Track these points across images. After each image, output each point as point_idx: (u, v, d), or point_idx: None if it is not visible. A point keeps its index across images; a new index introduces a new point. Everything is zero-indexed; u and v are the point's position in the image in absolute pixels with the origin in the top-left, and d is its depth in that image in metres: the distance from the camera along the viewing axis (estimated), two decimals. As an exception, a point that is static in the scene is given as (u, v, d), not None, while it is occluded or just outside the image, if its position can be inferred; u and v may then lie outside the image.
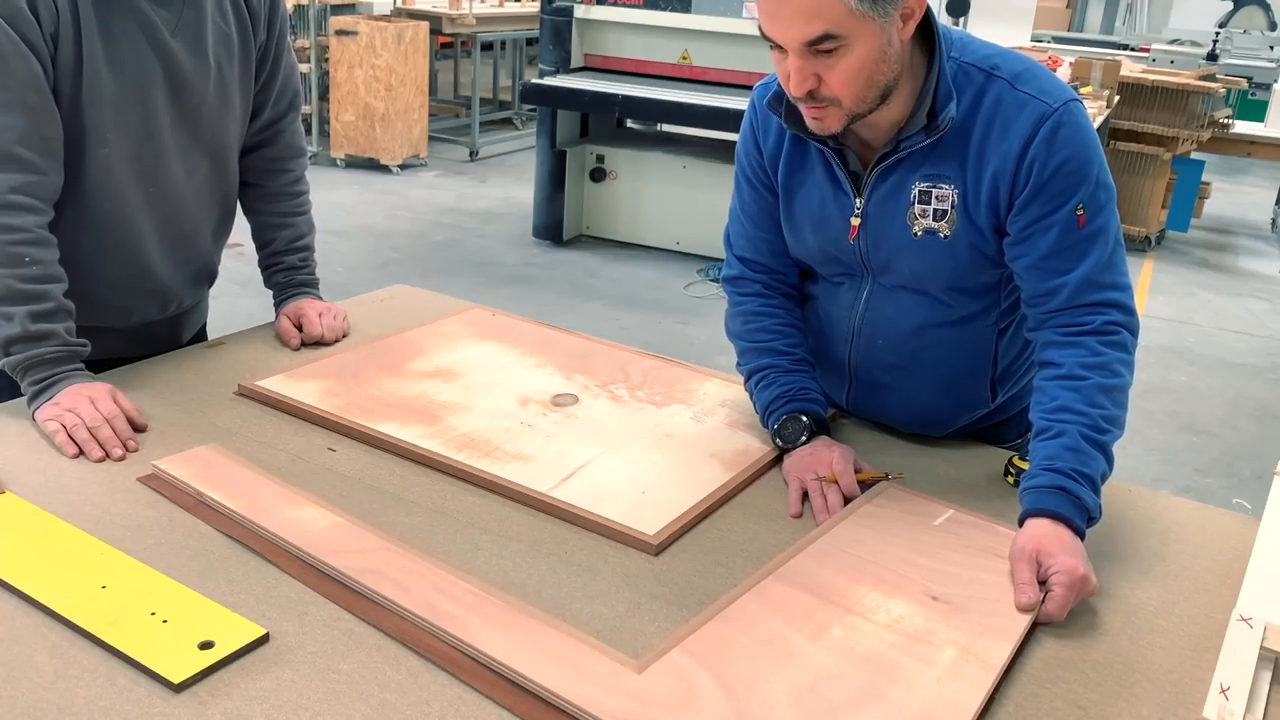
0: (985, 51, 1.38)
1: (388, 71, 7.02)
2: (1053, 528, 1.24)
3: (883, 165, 1.40)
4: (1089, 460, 1.29)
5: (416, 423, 1.54)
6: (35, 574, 1.14)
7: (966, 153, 1.37)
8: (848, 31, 1.23)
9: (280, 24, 1.74)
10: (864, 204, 1.43)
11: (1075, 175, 1.33)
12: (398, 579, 1.16)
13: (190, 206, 1.70)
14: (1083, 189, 1.34)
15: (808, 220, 1.49)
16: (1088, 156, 1.34)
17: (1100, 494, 1.29)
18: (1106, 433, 1.31)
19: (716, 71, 5.48)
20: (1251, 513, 1.57)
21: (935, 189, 1.39)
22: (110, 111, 1.52)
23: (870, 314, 1.52)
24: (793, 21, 1.23)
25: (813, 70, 1.27)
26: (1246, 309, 5.76)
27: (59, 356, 1.48)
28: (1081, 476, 1.28)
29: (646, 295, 5.17)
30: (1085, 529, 1.26)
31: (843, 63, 1.26)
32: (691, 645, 1.09)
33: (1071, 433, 1.30)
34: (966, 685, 1.06)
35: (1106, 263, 1.36)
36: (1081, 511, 1.26)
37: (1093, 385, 1.32)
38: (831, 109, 1.31)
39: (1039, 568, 1.22)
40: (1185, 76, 6.49)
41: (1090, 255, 1.35)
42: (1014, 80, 1.35)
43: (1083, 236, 1.35)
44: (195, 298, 1.85)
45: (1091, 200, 1.34)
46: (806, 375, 1.56)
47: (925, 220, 1.40)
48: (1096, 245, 1.35)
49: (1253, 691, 1.06)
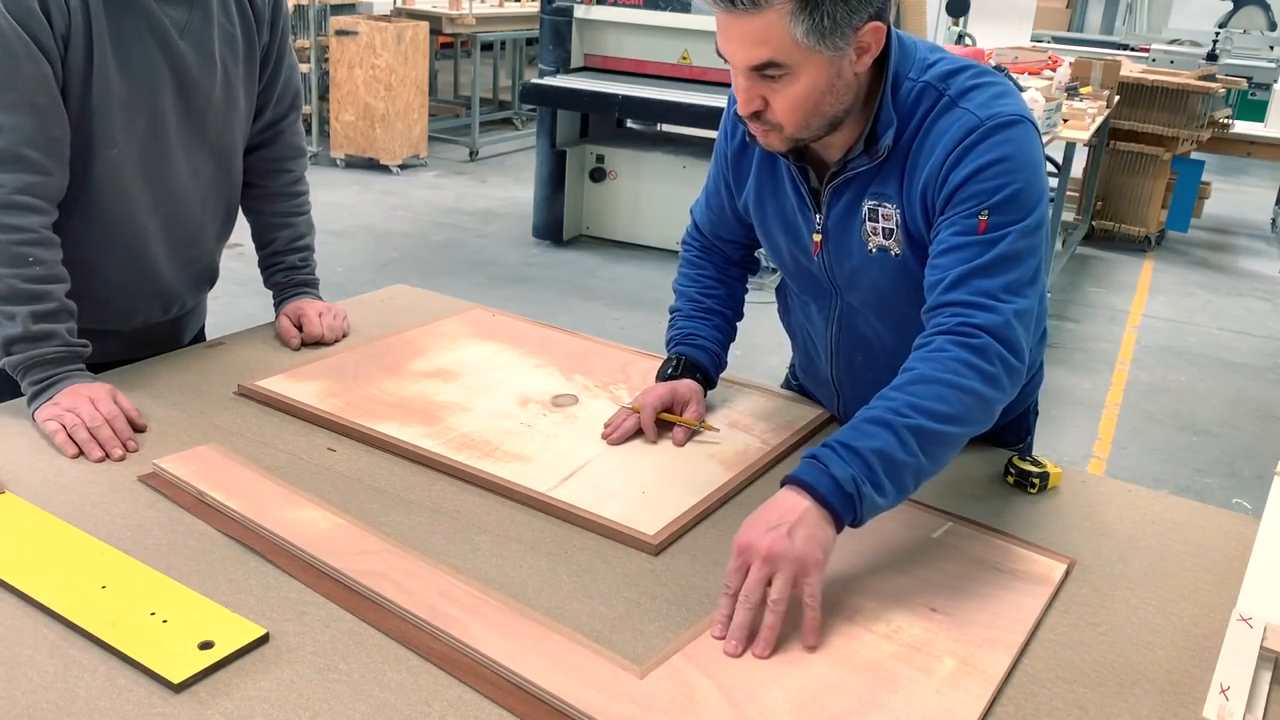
0: (946, 68, 1.33)
1: (388, 71, 7.02)
2: (792, 499, 1.14)
3: (834, 184, 1.40)
4: (862, 436, 1.17)
5: (416, 423, 1.54)
6: (35, 574, 1.14)
7: (903, 172, 1.35)
8: (794, 61, 1.22)
9: (283, 24, 1.74)
10: (824, 220, 1.43)
11: (989, 181, 1.26)
12: (400, 581, 1.16)
13: (195, 207, 1.70)
14: (996, 196, 1.26)
15: (780, 227, 1.50)
16: (1008, 170, 1.26)
17: (879, 471, 1.15)
18: (906, 416, 1.18)
19: (716, 71, 5.48)
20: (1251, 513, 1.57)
21: (881, 208, 1.37)
22: (119, 112, 1.52)
23: (844, 333, 1.54)
24: (740, 44, 1.23)
25: (759, 92, 1.27)
26: (1246, 309, 5.76)
27: (60, 357, 1.48)
28: (842, 447, 1.16)
29: (646, 295, 5.17)
30: (832, 497, 1.13)
31: (788, 90, 1.25)
32: (693, 652, 1.09)
33: (866, 415, 1.20)
34: (966, 696, 1.06)
35: (989, 270, 1.26)
36: (827, 479, 1.14)
37: (915, 375, 1.23)
38: (774, 132, 1.31)
39: (752, 573, 1.11)
40: (1185, 76, 6.49)
41: (976, 259, 1.26)
42: (958, 96, 1.31)
43: (975, 240, 1.26)
44: (197, 299, 1.86)
45: (1000, 209, 1.26)
46: (702, 322, 1.64)
47: (877, 238, 1.39)
48: (987, 251, 1.26)
49: (1253, 691, 1.06)
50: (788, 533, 1.11)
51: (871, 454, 1.16)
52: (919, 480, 1.21)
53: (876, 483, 1.16)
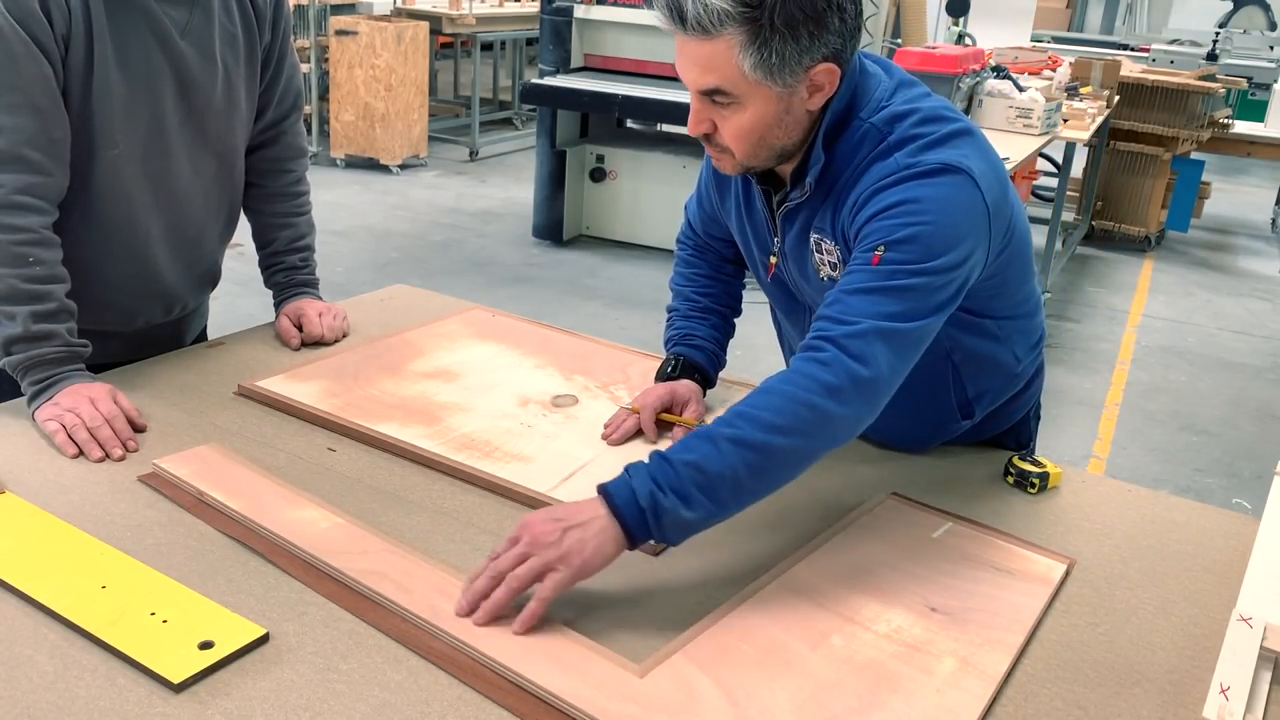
0: (896, 111, 1.30)
1: (388, 71, 7.02)
2: (591, 504, 1.15)
3: (781, 211, 1.41)
4: (680, 449, 1.16)
5: (416, 423, 1.54)
6: (35, 574, 1.14)
7: (834, 212, 1.35)
8: (741, 92, 1.24)
9: (284, 25, 1.74)
10: (780, 243, 1.45)
11: (887, 220, 1.24)
12: (400, 580, 1.16)
13: (197, 208, 1.70)
14: (891, 236, 1.23)
15: (753, 239, 1.52)
16: (912, 212, 1.23)
17: (686, 482, 1.13)
18: (730, 426, 1.16)
19: (716, 71, 5.47)
20: (1251, 513, 1.57)
21: (824, 242, 1.38)
22: (119, 113, 1.52)
23: None
24: (691, 67, 1.25)
25: (709, 115, 1.29)
26: (1246, 309, 5.76)
27: (60, 357, 1.48)
28: (659, 458, 1.16)
29: (646, 295, 5.17)
30: (623, 510, 1.13)
31: (735, 118, 1.27)
32: (693, 651, 1.10)
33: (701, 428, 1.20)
34: (966, 695, 1.06)
35: (866, 295, 1.22)
36: (624, 492, 1.13)
37: (761, 387, 1.21)
38: (726, 155, 1.33)
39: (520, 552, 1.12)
40: (1185, 76, 6.49)
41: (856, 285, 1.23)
42: (894, 145, 1.28)
43: (865, 269, 1.24)
44: (199, 300, 1.86)
45: (893, 249, 1.22)
46: (699, 322, 1.65)
47: (825, 269, 1.40)
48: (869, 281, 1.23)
49: (1253, 691, 1.06)
50: (564, 530, 1.12)
51: (683, 465, 1.14)
52: (739, 493, 1.17)
53: (684, 495, 1.13)
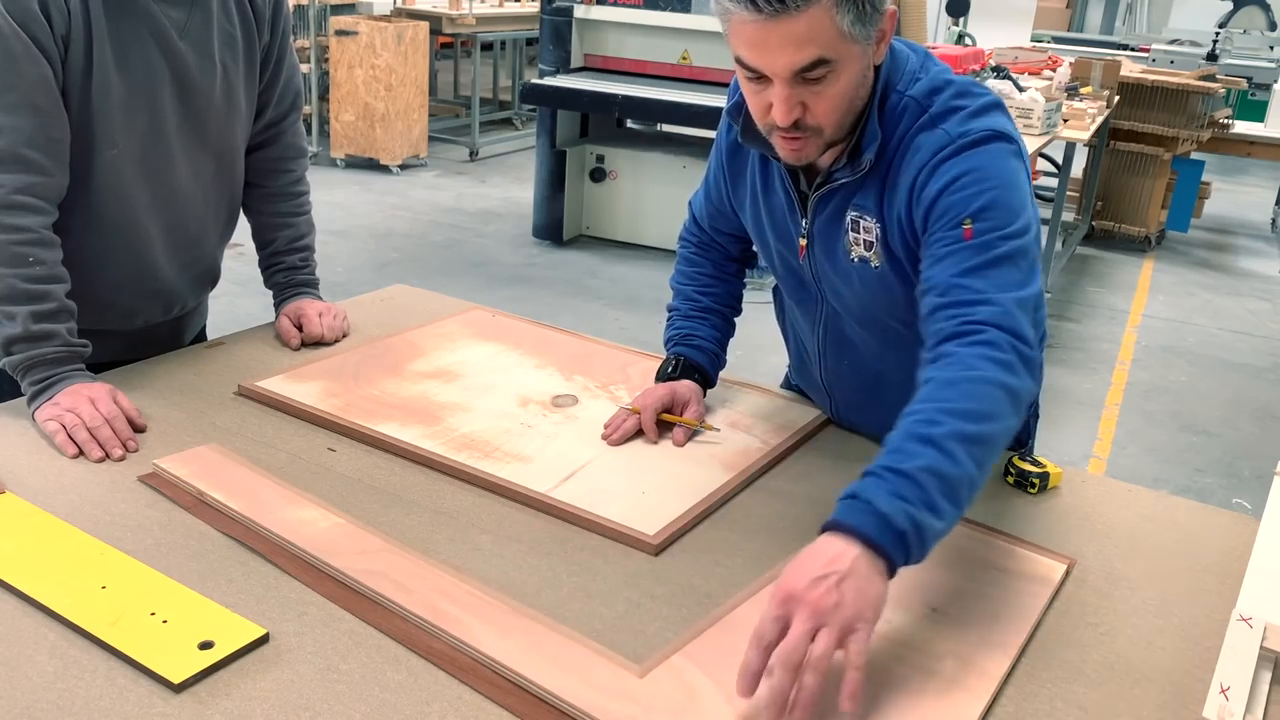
0: (932, 84, 1.31)
1: (388, 71, 7.02)
2: (837, 546, 1.03)
3: (820, 192, 1.39)
4: (904, 457, 1.09)
5: (416, 423, 1.54)
6: (35, 574, 1.14)
7: (883, 188, 1.33)
8: (839, 56, 1.20)
9: (283, 25, 1.74)
10: (809, 225, 1.42)
11: (966, 190, 1.25)
12: (400, 580, 1.16)
13: (196, 208, 1.70)
14: (975, 204, 1.24)
15: (770, 225, 1.50)
16: (977, 180, 1.25)
17: (931, 491, 1.06)
18: (938, 424, 1.11)
19: (716, 71, 5.48)
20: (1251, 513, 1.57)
21: (862, 220, 1.36)
22: (119, 113, 1.52)
23: (830, 338, 1.54)
24: (783, 50, 1.18)
25: (799, 99, 1.23)
26: (1246, 309, 5.76)
27: (60, 357, 1.48)
28: (888, 472, 1.07)
29: (646, 295, 5.17)
30: (881, 540, 1.03)
31: (830, 90, 1.23)
32: (693, 651, 1.09)
33: (898, 432, 1.13)
34: (966, 695, 1.06)
35: (981, 271, 1.23)
36: (874, 519, 1.04)
37: (936, 382, 1.17)
38: (812, 139, 1.28)
39: (789, 624, 1.00)
40: (1185, 76, 6.49)
41: (967, 263, 1.23)
42: (938, 116, 1.29)
43: (964, 246, 1.24)
44: (198, 299, 1.86)
45: (980, 219, 1.24)
46: (700, 322, 1.65)
47: (859, 249, 1.38)
48: (977, 255, 1.23)
49: (1253, 691, 1.06)
50: (836, 584, 1.00)
51: (921, 473, 1.06)
52: (973, 490, 1.11)
53: (932, 505, 1.06)
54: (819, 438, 1.61)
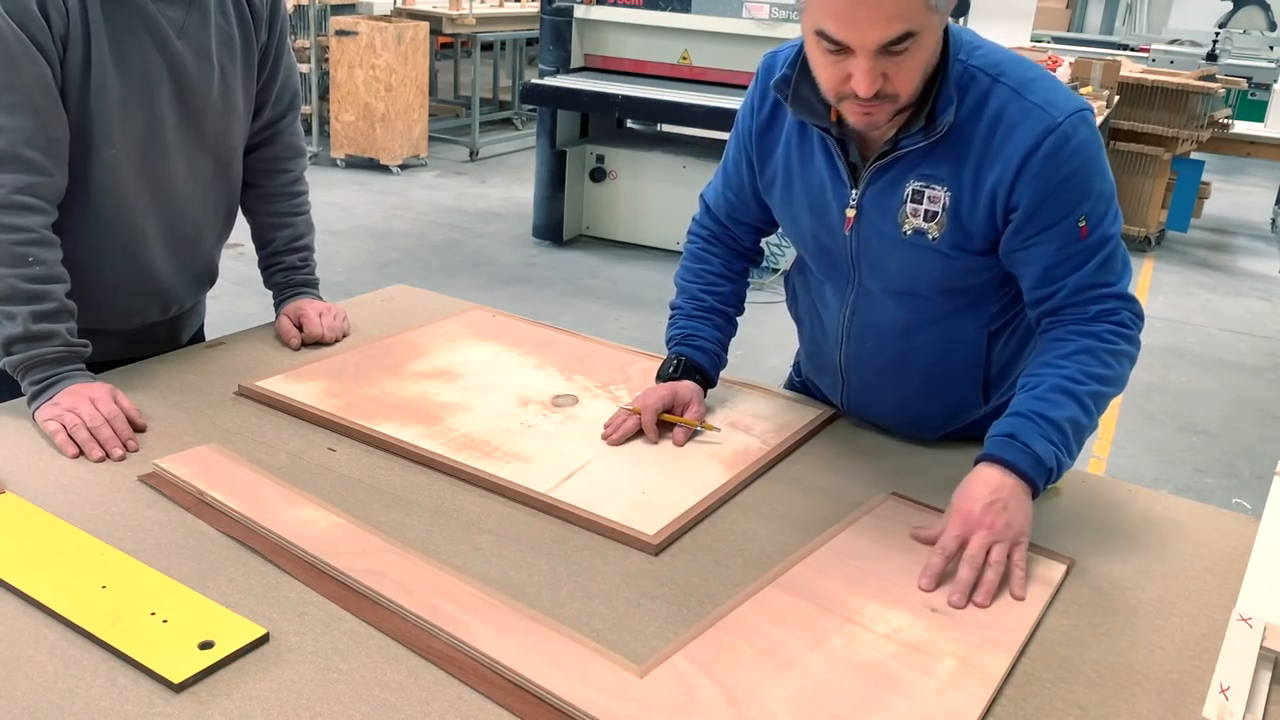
0: (994, 57, 1.37)
1: (388, 71, 7.02)
2: (999, 477, 1.28)
3: (881, 162, 1.40)
4: (1053, 406, 1.31)
5: (416, 423, 1.54)
6: (35, 574, 1.14)
7: (965, 157, 1.36)
8: (922, 27, 1.23)
9: (281, 24, 1.74)
10: (859, 197, 1.43)
11: (1079, 190, 1.34)
12: (400, 580, 1.16)
13: (194, 208, 1.70)
14: (1086, 203, 1.34)
15: (806, 202, 1.50)
16: (1092, 170, 1.35)
17: (1070, 438, 1.31)
18: (1083, 384, 1.32)
19: (716, 71, 5.48)
20: (1251, 513, 1.57)
21: (928, 190, 1.38)
22: (116, 113, 1.52)
23: (858, 317, 1.54)
24: (873, 24, 1.21)
25: (881, 70, 1.26)
26: (1246, 309, 5.76)
27: (60, 357, 1.48)
28: (1041, 419, 1.30)
29: (646, 295, 5.17)
30: (1034, 475, 1.28)
31: (912, 60, 1.26)
32: (693, 651, 1.09)
33: (1044, 384, 1.33)
34: (966, 696, 1.06)
35: (1104, 265, 1.37)
36: (1029, 457, 1.28)
37: (1077, 345, 1.35)
38: (886, 104, 1.30)
39: (966, 538, 1.25)
40: (1185, 76, 6.49)
41: (1090, 262, 1.36)
42: (1019, 88, 1.34)
43: (1084, 246, 1.36)
44: (195, 299, 1.86)
45: (1093, 211, 1.35)
46: (703, 322, 1.65)
47: (916, 220, 1.40)
48: (1096, 254, 1.37)
49: (1253, 691, 1.06)
50: (1003, 509, 1.26)
51: (1066, 423, 1.30)
52: (1086, 438, 1.35)
53: (1069, 450, 1.31)
54: (819, 438, 1.61)
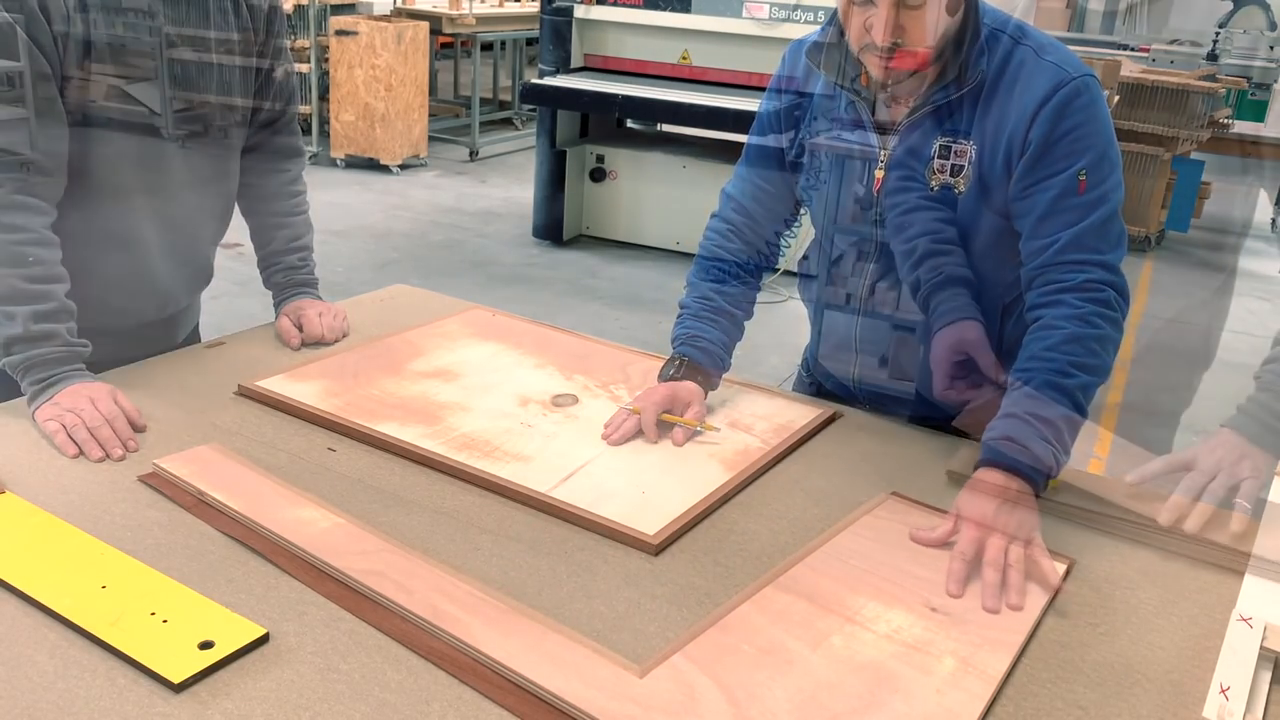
0: (1016, 23, 1.44)
1: (388, 71, 7.02)
2: (1003, 479, 1.32)
3: (912, 118, 1.45)
4: (1046, 405, 1.34)
5: (416, 423, 1.54)
6: (35, 574, 1.14)
7: (987, 111, 1.42)
8: None
9: (278, 24, 1.75)
10: (890, 156, 1.48)
11: (1083, 142, 1.39)
12: (400, 580, 1.16)
13: (191, 208, 1.70)
14: (1088, 156, 1.39)
15: (834, 174, 1.54)
16: (1098, 128, 1.40)
17: (1065, 435, 1.34)
18: (1072, 376, 1.35)
19: (716, 71, 5.48)
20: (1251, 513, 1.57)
21: (955, 144, 1.44)
22: (116, 113, 1.52)
23: (878, 284, 1.58)
24: None
25: (899, 21, 1.34)
26: (1246, 309, 5.76)
27: (60, 357, 1.48)
28: (1036, 420, 1.33)
29: (646, 295, 5.17)
30: (1035, 475, 1.33)
31: (930, 13, 1.34)
32: (693, 651, 1.09)
33: (1035, 380, 1.36)
34: (966, 695, 1.06)
35: (1098, 229, 1.40)
36: (1029, 459, 1.33)
37: (1065, 334, 1.37)
38: (905, 59, 1.37)
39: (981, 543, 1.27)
40: (1185, 76, 6.48)
41: (1084, 220, 1.39)
42: (1039, 49, 1.41)
43: (1080, 202, 1.39)
44: (191, 298, 1.86)
45: (1095, 169, 1.39)
46: (709, 323, 1.66)
47: (943, 175, 1.45)
48: (1092, 212, 1.40)
49: (1253, 691, 1.06)
50: (1012, 510, 1.30)
51: (1060, 420, 1.34)
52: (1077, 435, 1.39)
53: (1065, 446, 1.35)
54: (819, 438, 1.61)
